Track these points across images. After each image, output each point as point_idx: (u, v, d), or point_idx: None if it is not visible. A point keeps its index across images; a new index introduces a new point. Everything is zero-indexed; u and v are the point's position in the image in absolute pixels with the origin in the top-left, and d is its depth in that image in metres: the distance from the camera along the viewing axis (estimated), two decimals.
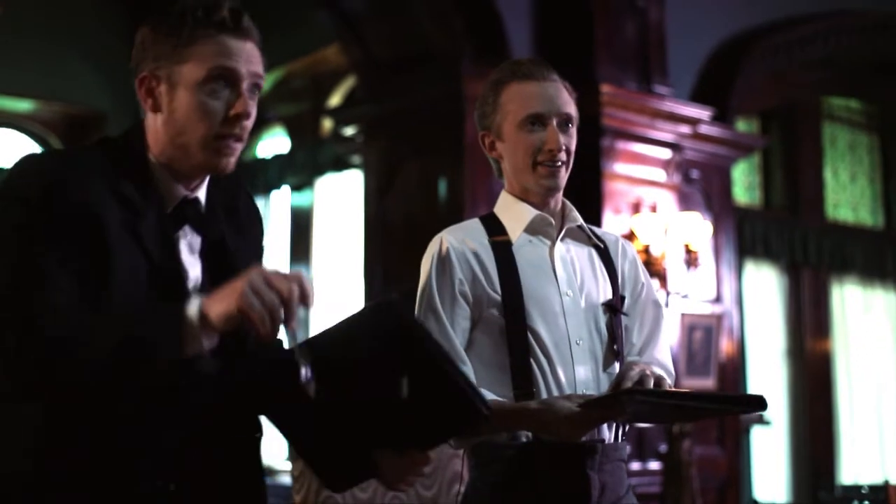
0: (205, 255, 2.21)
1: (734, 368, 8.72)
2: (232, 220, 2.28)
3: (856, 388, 11.09)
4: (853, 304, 11.26)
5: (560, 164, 2.70)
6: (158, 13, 2.16)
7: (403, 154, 7.86)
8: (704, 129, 8.39)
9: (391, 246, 7.77)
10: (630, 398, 2.45)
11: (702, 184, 8.63)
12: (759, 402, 2.54)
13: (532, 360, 2.62)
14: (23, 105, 9.50)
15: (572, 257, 2.75)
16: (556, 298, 2.67)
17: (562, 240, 2.76)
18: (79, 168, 2.07)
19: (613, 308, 2.74)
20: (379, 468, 2.39)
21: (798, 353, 10.55)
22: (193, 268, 2.18)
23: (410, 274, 2.88)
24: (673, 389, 2.67)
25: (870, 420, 11.19)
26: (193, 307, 1.92)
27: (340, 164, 10.06)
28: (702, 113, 8.24)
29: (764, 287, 10.44)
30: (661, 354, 2.83)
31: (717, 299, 8.53)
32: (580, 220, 2.79)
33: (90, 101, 9.60)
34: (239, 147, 2.16)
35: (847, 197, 11.52)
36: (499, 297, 2.64)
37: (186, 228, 2.18)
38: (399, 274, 7.49)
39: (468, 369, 2.62)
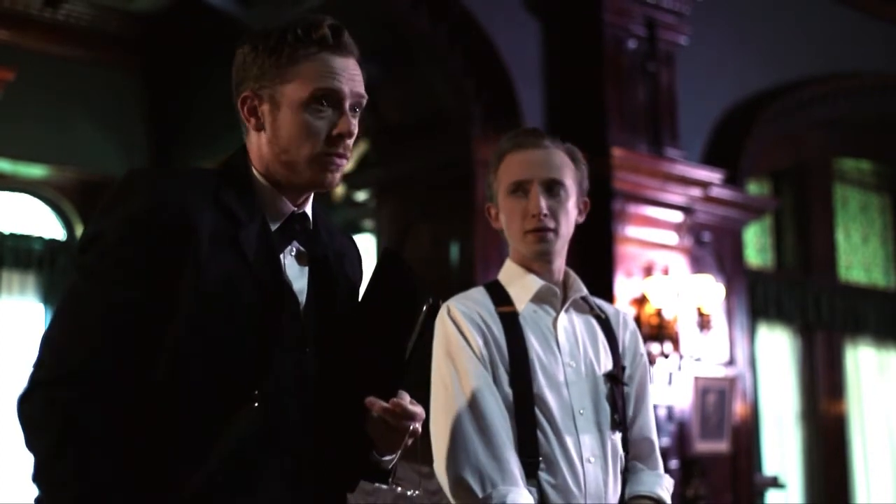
0: (310, 269, 2.19)
1: (748, 431, 8.67)
2: (332, 242, 2.27)
3: (871, 450, 11.02)
4: (867, 365, 11.21)
5: (546, 229, 2.70)
6: (258, 32, 2.15)
7: (415, 218, 7.87)
8: (716, 191, 8.40)
9: None
10: None
11: (713, 246, 8.62)
12: None
13: (538, 430, 2.63)
14: (36, 170, 9.53)
15: (575, 328, 2.77)
16: (559, 368, 2.69)
17: (566, 310, 2.77)
18: (182, 183, 2.07)
19: (615, 378, 2.75)
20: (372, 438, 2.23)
21: (812, 416, 10.49)
22: (299, 280, 2.16)
23: None
24: None
25: (885, 482, 11.10)
26: None
27: (352, 229, 10.07)
28: (713, 176, 8.25)
29: (777, 349, 10.40)
30: (648, 431, 2.84)
31: (731, 362, 8.50)
32: (584, 291, 2.81)
33: (103, 166, 9.63)
34: (344, 163, 2.15)
35: (859, 258, 11.49)
36: (506, 367, 2.66)
37: (294, 242, 2.17)
38: None
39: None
